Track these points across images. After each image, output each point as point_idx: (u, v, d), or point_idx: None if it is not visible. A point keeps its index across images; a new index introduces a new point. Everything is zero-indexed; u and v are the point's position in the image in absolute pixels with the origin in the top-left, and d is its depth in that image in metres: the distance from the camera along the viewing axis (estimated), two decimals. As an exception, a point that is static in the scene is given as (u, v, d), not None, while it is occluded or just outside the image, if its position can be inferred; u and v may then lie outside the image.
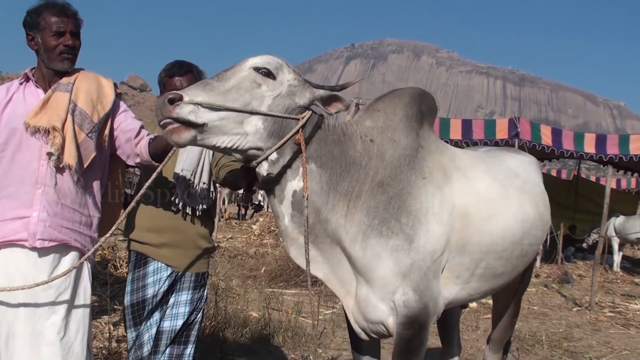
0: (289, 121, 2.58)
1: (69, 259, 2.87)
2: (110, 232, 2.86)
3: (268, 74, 2.54)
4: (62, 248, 2.83)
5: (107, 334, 5.30)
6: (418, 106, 2.95)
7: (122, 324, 5.60)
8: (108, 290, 6.18)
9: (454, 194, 2.89)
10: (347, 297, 2.86)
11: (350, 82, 2.72)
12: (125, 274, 8.46)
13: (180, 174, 3.38)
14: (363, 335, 2.96)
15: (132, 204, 2.83)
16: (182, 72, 3.40)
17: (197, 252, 3.43)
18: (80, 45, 2.96)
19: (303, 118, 2.61)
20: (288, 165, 2.63)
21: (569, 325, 8.24)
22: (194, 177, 3.41)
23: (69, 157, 2.82)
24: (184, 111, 2.34)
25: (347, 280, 2.83)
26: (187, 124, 2.37)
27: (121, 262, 8.76)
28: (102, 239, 2.92)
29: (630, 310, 9.59)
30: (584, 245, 16.86)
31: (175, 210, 3.36)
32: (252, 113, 2.49)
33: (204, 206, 3.44)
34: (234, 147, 2.52)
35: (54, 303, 2.81)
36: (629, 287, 12.84)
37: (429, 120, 3.01)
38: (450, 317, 4.02)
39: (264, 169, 2.62)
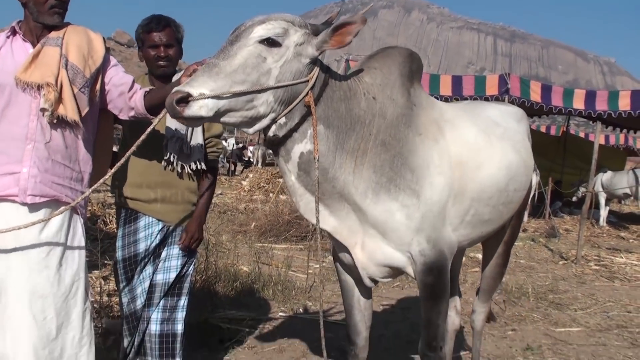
0: (298, 84, 2.58)
1: (60, 215, 2.87)
2: (98, 183, 2.84)
3: (274, 43, 2.51)
4: (53, 204, 2.83)
5: (99, 289, 5.35)
6: (410, 65, 2.99)
7: (113, 279, 5.65)
8: (98, 245, 6.21)
9: (449, 145, 2.97)
10: (356, 247, 2.94)
11: (354, 16, 2.68)
12: (115, 230, 8.50)
13: (173, 131, 3.36)
14: (367, 281, 3.05)
15: (124, 159, 2.81)
16: (160, 28, 3.36)
17: (187, 206, 3.45)
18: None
19: (312, 78, 2.60)
20: (295, 128, 2.64)
21: (554, 278, 8.37)
22: (188, 135, 3.39)
23: (72, 113, 2.80)
24: (194, 110, 2.35)
25: (355, 231, 2.90)
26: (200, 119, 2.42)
27: (111, 217, 8.77)
28: (89, 190, 2.90)
29: (615, 263, 9.75)
30: (573, 199, 17.00)
31: (165, 166, 3.35)
32: (261, 91, 2.48)
33: (200, 166, 3.43)
34: (245, 122, 2.55)
35: (46, 258, 2.81)
36: (614, 241, 13.03)
37: (417, 78, 3.06)
38: (452, 268, 4.11)
39: (270, 131, 2.63)
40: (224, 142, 27.10)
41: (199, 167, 3.42)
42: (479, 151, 3.12)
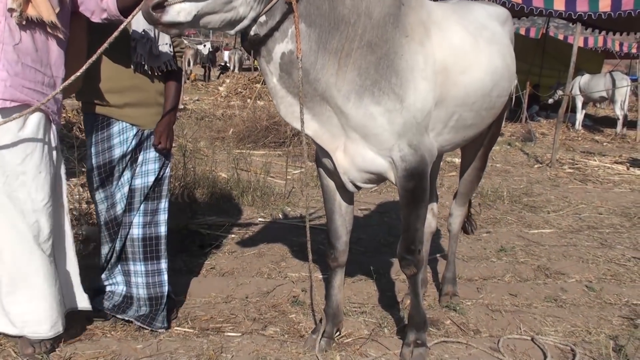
0: None
1: (34, 120, 2.82)
2: (67, 82, 2.75)
3: None
4: (26, 109, 2.77)
5: (77, 196, 5.34)
6: None
7: (91, 186, 5.63)
8: (75, 152, 6.16)
9: (435, 49, 2.92)
10: (337, 151, 2.96)
11: None
12: (91, 137, 8.39)
13: (141, 33, 3.26)
14: (350, 186, 3.09)
15: (95, 57, 2.71)
16: None
17: (160, 109, 3.39)
18: None
19: None
20: (276, 27, 2.59)
21: (529, 182, 8.52)
22: (156, 36, 3.30)
23: (47, 13, 2.70)
24: (172, 15, 2.29)
25: (337, 135, 2.91)
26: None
27: (87, 124, 8.65)
28: (59, 88, 2.82)
29: (589, 166, 9.93)
30: (550, 101, 17.07)
31: (135, 69, 3.27)
32: None
33: (170, 67, 3.35)
34: (226, 24, 2.49)
35: (22, 164, 2.79)
36: (589, 144, 13.20)
37: None
38: (430, 173, 4.14)
39: (251, 30, 2.58)
40: (201, 46, 26.56)
41: (169, 67, 3.35)
42: (465, 55, 3.08)
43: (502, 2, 12.18)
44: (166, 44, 3.33)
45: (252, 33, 2.58)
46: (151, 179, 3.39)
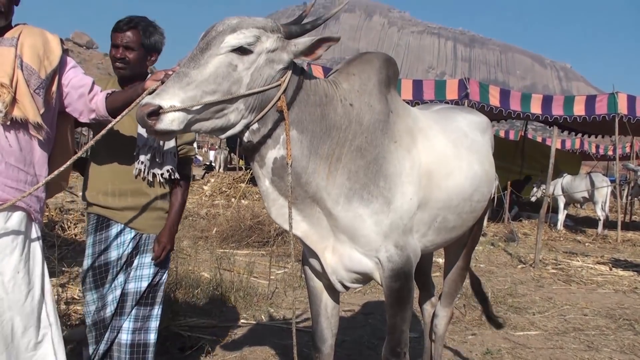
0: (269, 90, 2.57)
1: (16, 219, 2.81)
2: (50, 176, 2.75)
3: (245, 51, 2.48)
4: (8, 208, 2.76)
5: (56, 296, 5.24)
6: (387, 71, 3.02)
7: (71, 287, 5.56)
8: (56, 252, 6.11)
9: (420, 155, 3.01)
10: (326, 252, 2.96)
11: (333, 11, 2.65)
12: (73, 236, 8.35)
13: (145, 139, 3.29)
14: (338, 286, 3.07)
15: (79, 154, 2.73)
16: (124, 28, 3.30)
17: (160, 214, 3.39)
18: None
19: (284, 82, 2.58)
20: (269, 134, 2.63)
21: (513, 282, 8.49)
22: (160, 142, 3.33)
23: (33, 115, 2.74)
24: (165, 124, 2.35)
25: (325, 236, 2.92)
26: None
27: (69, 223, 8.62)
28: (41, 182, 2.81)
29: (572, 267, 9.93)
30: (533, 198, 17.26)
31: (137, 175, 3.30)
32: (232, 101, 2.47)
33: (173, 175, 3.37)
34: (217, 130, 2.55)
35: (0, 264, 2.75)
36: (571, 244, 13.28)
37: (394, 84, 3.09)
38: (424, 264, 4.17)
39: (244, 136, 2.63)
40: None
41: (172, 176, 3.37)
42: (447, 161, 3.19)
43: (481, 105, 12.67)
44: (171, 151, 3.37)
45: (245, 140, 2.63)
46: (144, 284, 3.33)
